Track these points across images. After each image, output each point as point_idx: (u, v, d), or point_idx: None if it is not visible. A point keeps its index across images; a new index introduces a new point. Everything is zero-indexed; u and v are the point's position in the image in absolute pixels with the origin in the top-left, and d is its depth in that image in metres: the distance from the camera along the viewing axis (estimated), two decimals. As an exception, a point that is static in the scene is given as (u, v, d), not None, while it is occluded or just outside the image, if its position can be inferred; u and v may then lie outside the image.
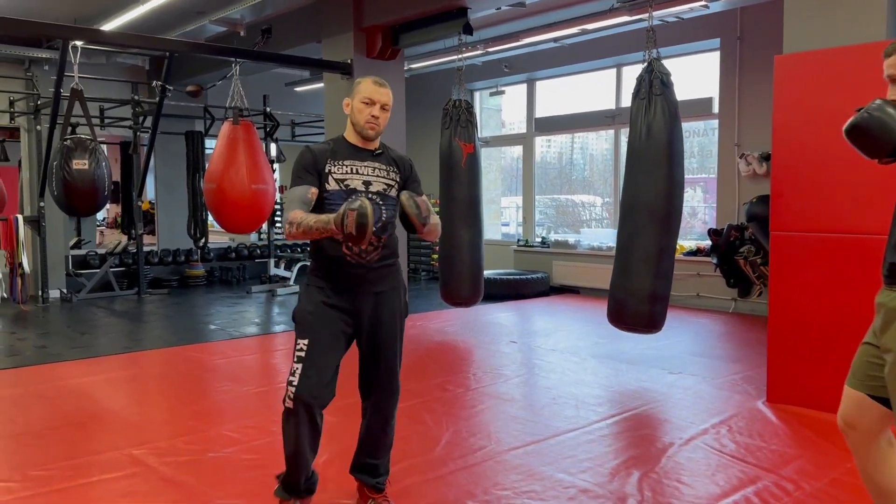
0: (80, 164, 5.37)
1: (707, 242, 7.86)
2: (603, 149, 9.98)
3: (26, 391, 4.71)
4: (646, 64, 4.88)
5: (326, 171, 2.60)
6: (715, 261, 7.51)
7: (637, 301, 4.80)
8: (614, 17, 6.83)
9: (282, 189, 9.66)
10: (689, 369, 5.07)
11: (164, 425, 3.98)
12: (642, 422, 3.99)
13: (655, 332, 4.91)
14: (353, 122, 2.65)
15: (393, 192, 2.68)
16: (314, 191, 2.59)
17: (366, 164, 2.66)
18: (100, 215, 14.58)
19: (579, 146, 10.19)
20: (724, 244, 7.40)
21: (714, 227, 7.75)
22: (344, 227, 2.37)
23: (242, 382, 4.87)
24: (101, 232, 13.71)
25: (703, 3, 6.28)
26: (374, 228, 2.40)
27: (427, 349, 5.90)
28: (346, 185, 2.61)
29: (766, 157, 7.34)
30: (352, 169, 2.63)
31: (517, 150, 10.75)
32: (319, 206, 2.59)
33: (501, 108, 10.91)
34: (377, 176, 2.66)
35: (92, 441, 3.73)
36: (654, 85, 4.81)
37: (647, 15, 6.92)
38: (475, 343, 6.13)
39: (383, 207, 2.63)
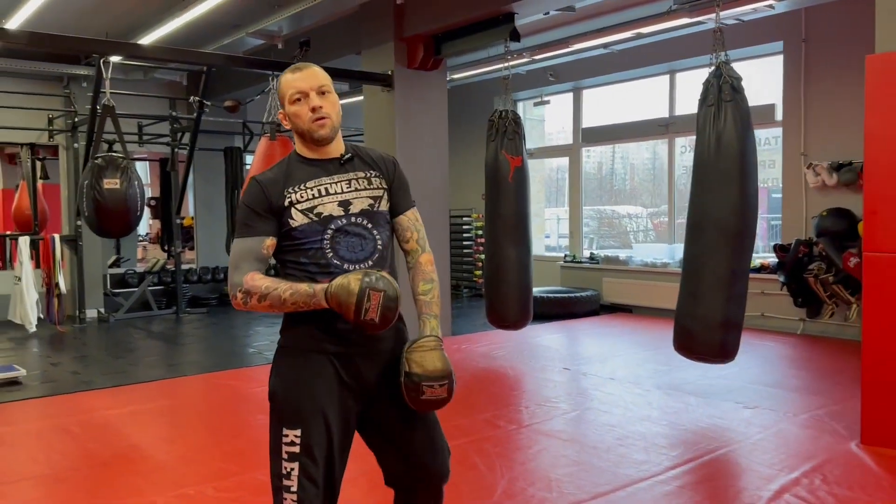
0: (111, 183, 5.14)
1: (772, 258, 7.35)
2: (644, 158, 9.54)
3: (54, 424, 4.45)
4: (714, 68, 4.46)
5: (286, 202, 1.91)
6: (782, 279, 7.00)
7: (707, 328, 4.37)
8: (672, 20, 6.41)
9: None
10: (766, 402, 4.60)
11: (194, 466, 3.67)
12: (722, 468, 3.55)
13: (728, 361, 4.46)
14: (298, 130, 1.96)
15: (383, 206, 2.00)
16: (270, 242, 1.92)
17: (335, 177, 1.96)
18: (142, 230, 14.64)
19: (620, 156, 9.75)
20: (792, 261, 6.88)
21: (780, 242, 7.23)
22: (360, 313, 1.75)
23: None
24: (144, 247, 13.69)
25: (769, 2, 5.82)
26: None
27: (473, 376, 5.51)
28: (319, 215, 1.91)
29: (836, 168, 6.81)
30: (319, 190, 1.93)
31: (557, 162, 10.34)
32: (283, 249, 1.95)
33: (544, 119, 10.51)
34: (356, 190, 1.97)
35: (114, 485, 3.43)
36: (724, 90, 4.39)
37: (705, 17, 6.58)
38: (525, 370, 5.72)
39: (386, 263, 1.96)
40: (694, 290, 4.43)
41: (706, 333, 4.36)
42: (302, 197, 1.92)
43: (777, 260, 7.08)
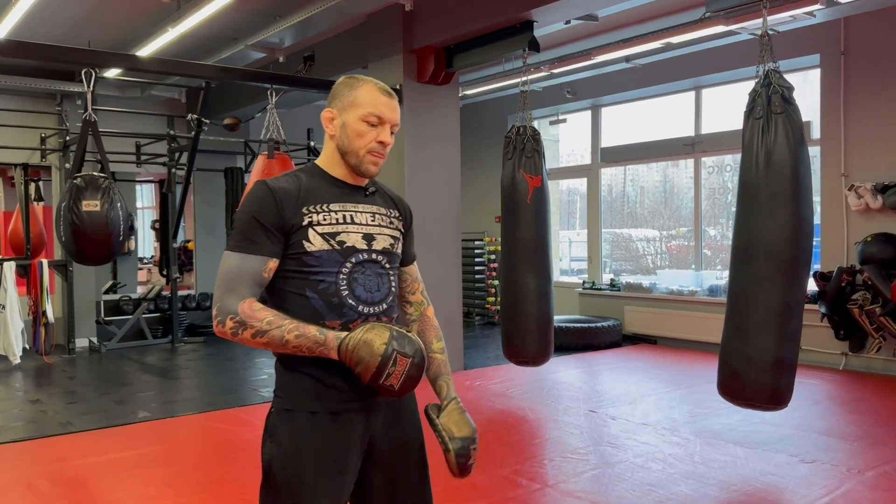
0: (90, 205, 4.67)
1: (811, 287, 6.79)
2: (654, 181, 9.06)
3: (17, 477, 3.95)
4: (761, 77, 3.96)
5: (303, 221, 1.63)
6: (823, 309, 6.44)
7: (758, 371, 3.82)
8: (704, 29, 5.93)
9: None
10: (824, 455, 4.04)
11: (167, 536, 3.15)
12: (788, 544, 3.00)
13: (781, 408, 3.91)
14: (345, 148, 1.70)
15: (398, 248, 1.79)
16: (273, 265, 1.63)
17: (361, 206, 1.72)
18: (146, 253, 14.22)
19: (630, 178, 9.27)
20: (834, 290, 6.34)
21: (819, 269, 6.68)
22: (382, 377, 1.51)
23: (270, 469, 4.02)
24: (149, 270, 13.24)
25: (811, 8, 5.33)
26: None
27: (489, 420, 4.97)
28: (341, 244, 1.65)
29: (881, 189, 6.29)
30: (345, 216, 1.68)
31: (566, 183, 9.88)
32: (286, 276, 1.65)
33: (558, 139, 10.04)
34: (380, 225, 1.74)
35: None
36: (774, 101, 3.87)
37: (738, 27, 6.10)
38: (545, 413, 5.18)
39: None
40: (741, 326, 3.90)
41: (757, 376, 3.82)
42: (325, 219, 1.65)
43: (817, 289, 6.53)
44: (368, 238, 1.70)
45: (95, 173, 5.00)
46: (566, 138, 10.09)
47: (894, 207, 6.20)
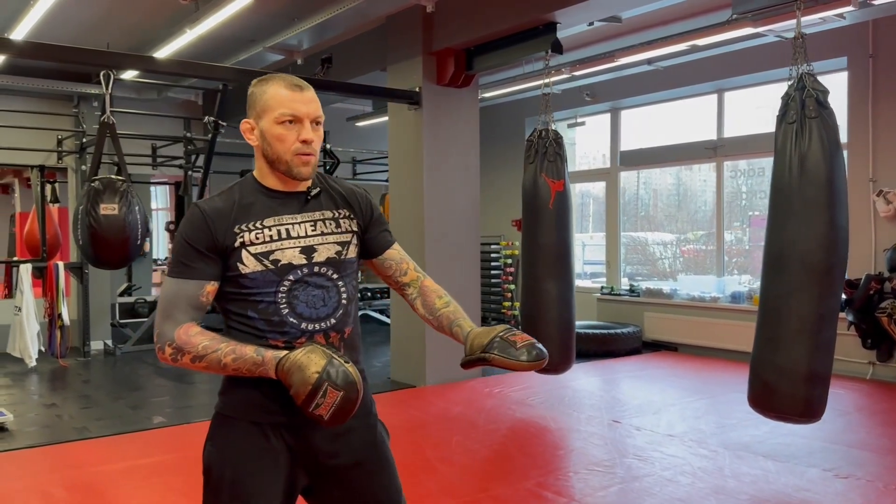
0: (108, 208, 4.61)
1: (837, 295, 6.64)
2: (668, 184, 8.96)
3: (32, 484, 3.89)
4: (795, 80, 3.85)
5: (235, 242, 1.59)
6: (850, 317, 6.29)
7: (791, 382, 3.72)
8: (730, 31, 5.81)
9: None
10: (858, 470, 3.91)
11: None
12: (828, 565, 2.88)
13: (814, 421, 3.80)
14: (271, 156, 1.63)
15: (351, 252, 1.70)
16: (211, 288, 1.59)
17: (298, 217, 1.65)
18: (161, 255, 14.21)
19: (643, 181, 9.15)
20: (862, 298, 6.19)
21: (846, 276, 6.52)
22: (311, 406, 1.45)
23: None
24: (163, 271, 13.21)
25: (845, 9, 5.20)
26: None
27: (511, 430, 4.87)
28: (276, 262, 1.60)
29: (911, 195, 6.14)
30: (279, 231, 1.62)
31: (580, 187, 9.77)
32: (227, 297, 1.63)
33: (575, 142, 9.92)
34: (322, 233, 1.66)
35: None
36: (808, 105, 3.78)
37: (765, 29, 5.97)
38: (568, 423, 5.07)
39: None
40: (774, 337, 3.79)
41: (790, 388, 3.72)
42: (257, 238, 1.60)
43: (844, 297, 6.38)
44: (308, 251, 1.63)
45: (113, 176, 4.95)
46: (581, 141, 9.98)
47: (924, 213, 6.06)
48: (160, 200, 14.20)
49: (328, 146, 8.89)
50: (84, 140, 7.84)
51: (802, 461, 4.06)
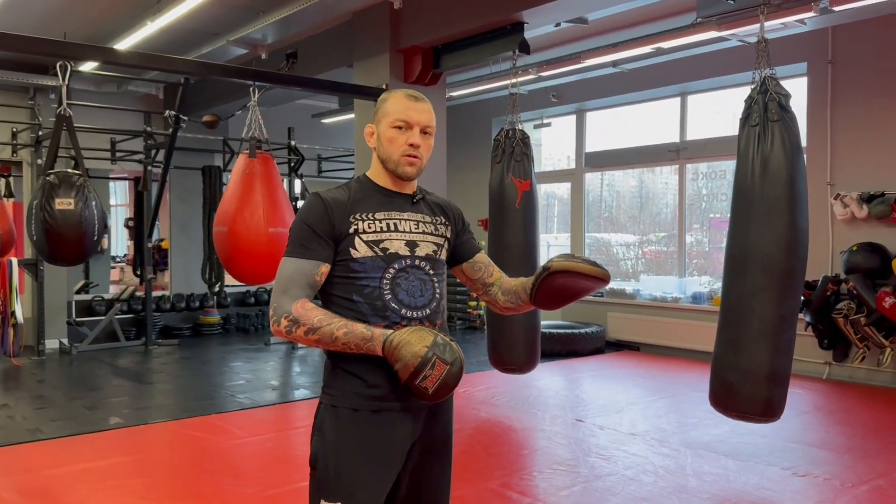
0: (64, 203, 4.47)
1: (795, 296, 6.77)
2: (631, 186, 9.06)
3: (-19, 488, 3.76)
4: (758, 83, 3.89)
5: (350, 230, 1.76)
6: (807, 318, 6.42)
7: (752, 383, 3.75)
8: (694, 35, 5.87)
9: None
10: (816, 468, 3.98)
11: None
12: (787, 563, 2.92)
13: (774, 421, 3.85)
14: (383, 156, 1.84)
15: (443, 255, 1.89)
16: (325, 269, 1.76)
17: (406, 215, 1.84)
18: (120, 251, 13.90)
19: (607, 183, 9.23)
20: (820, 299, 6.32)
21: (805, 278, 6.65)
22: (418, 378, 1.57)
23: (246, 481, 3.87)
24: (122, 269, 12.92)
25: (805, 15, 5.29)
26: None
27: (475, 430, 4.86)
28: (384, 250, 1.77)
29: (867, 199, 6.28)
30: (388, 224, 1.80)
31: (547, 187, 9.83)
32: (334, 282, 1.78)
33: (541, 143, 9.96)
34: (423, 232, 1.85)
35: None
36: (770, 109, 3.81)
37: (728, 33, 6.05)
38: (532, 422, 5.07)
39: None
40: (736, 338, 3.83)
41: (751, 388, 3.75)
42: (369, 227, 1.78)
43: (802, 298, 6.50)
44: (411, 245, 1.80)
45: (69, 170, 4.80)
46: (547, 142, 10.03)
47: (880, 217, 6.20)
48: (119, 196, 13.90)
49: (293, 143, 8.79)
50: (40, 133, 7.63)
51: (762, 460, 4.13)
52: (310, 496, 1.76)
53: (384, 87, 6.04)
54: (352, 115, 6.89)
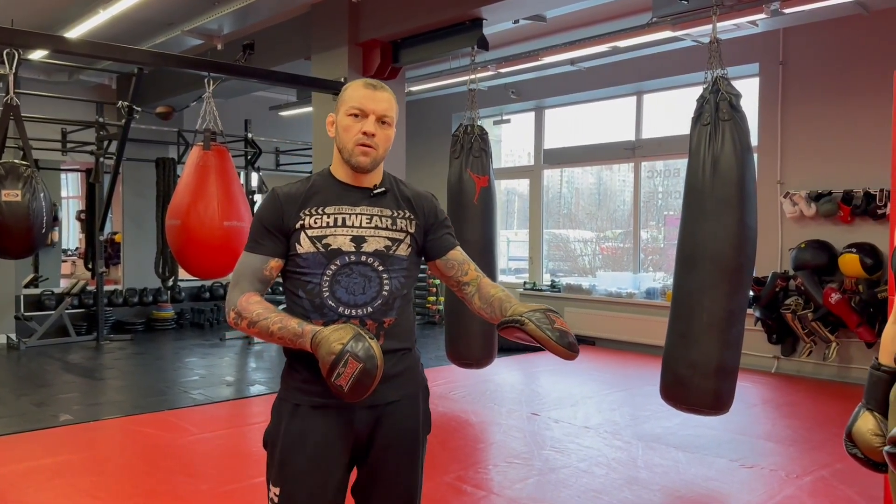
0: (10, 195, 4.35)
1: (745, 292, 6.93)
2: (589, 183, 9.18)
3: (-79, 488, 3.64)
4: (710, 83, 3.97)
5: (297, 224, 1.76)
6: (757, 313, 6.58)
7: (701, 376, 3.83)
8: (650, 34, 5.97)
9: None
10: (763, 460, 4.09)
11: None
12: (733, 551, 3.00)
13: (723, 413, 3.94)
14: (339, 145, 1.81)
15: (402, 251, 1.81)
16: (275, 264, 1.78)
17: (359, 209, 1.79)
18: (71, 244, 13.57)
19: (566, 180, 9.34)
20: (769, 295, 6.49)
21: (755, 274, 6.82)
22: (332, 375, 1.57)
23: (200, 478, 3.83)
24: (74, 263, 12.62)
25: (757, 17, 5.41)
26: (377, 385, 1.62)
27: (433, 424, 4.86)
28: (326, 246, 1.75)
29: (815, 198, 6.45)
30: (336, 219, 1.77)
31: (505, 184, 9.91)
32: (287, 276, 1.81)
33: (501, 139, 10.02)
34: (376, 227, 1.79)
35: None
36: (722, 108, 3.89)
37: (682, 33, 6.16)
38: (489, 416, 5.11)
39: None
40: (685, 332, 3.91)
41: (700, 382, 3.84)
42: (315, 222, 1.76)
43: (751, 294, 6.67)
44: (358, 240, 1.76)
45: (17, 161, 4.68)
46: (507, 139, 10.09)
47: (827, 215, 6.38)
48: (71, 188, 13.57)
49: (250, 136, 8.68)
50: (-14, 122, 7.39)
51: (711, 452, 4.22)
52: (266, 477, 1.83)
53: (342, 80, 6.01)
54: (310, 108, 6.83)
